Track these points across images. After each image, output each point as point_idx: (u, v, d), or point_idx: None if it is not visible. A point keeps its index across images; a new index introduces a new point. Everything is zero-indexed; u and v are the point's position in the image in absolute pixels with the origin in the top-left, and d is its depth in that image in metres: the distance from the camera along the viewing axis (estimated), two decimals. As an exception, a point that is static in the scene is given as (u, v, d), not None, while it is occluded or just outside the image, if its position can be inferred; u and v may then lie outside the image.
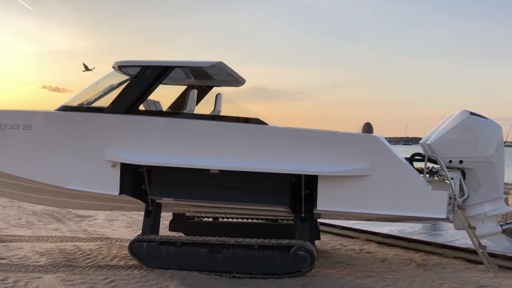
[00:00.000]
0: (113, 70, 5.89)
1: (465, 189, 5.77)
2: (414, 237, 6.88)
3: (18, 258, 5.91)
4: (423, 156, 5.73)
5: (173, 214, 7.12)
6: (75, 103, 5.75)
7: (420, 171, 5.58)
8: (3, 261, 5.75)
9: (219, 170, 5.37)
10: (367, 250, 6.76)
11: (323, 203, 5.29)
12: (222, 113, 6.43)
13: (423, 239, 6.78)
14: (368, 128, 5.48)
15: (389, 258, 6.30)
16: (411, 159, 5.82)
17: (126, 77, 5.88)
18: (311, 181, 5.34)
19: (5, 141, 5.59)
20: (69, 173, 5.52)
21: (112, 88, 5.93)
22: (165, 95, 6.71)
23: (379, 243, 7.13)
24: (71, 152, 5.50)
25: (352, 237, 7.51)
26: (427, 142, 5.95)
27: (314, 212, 5.52)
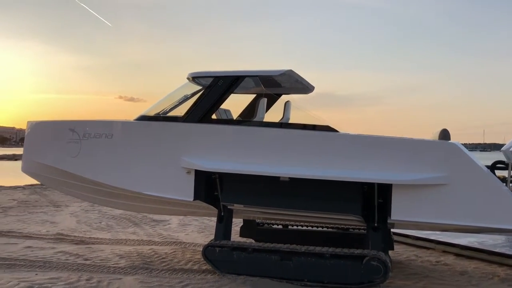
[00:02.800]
0: (187, 81, 6.11)
1: None
2: (497, 250, 6.47)
3: (100, 260, 6.28)
4: (506, 164, 5.39)
5: (244, 221, 7.23)
6: (152, 113, 6.02)
7: (503, 179, 5.26)
8: (87, 262, 6.15)
9: (289, 178, 5.39)
10: (444, 262, 6.45)
11: (398, 213, 5.12)
12: (291, 121, 6.45)
13: (508, 252, 6.36)
14: (445, 135, 5.26)
15: (469, 271, 5.97)
16: (492, 167, 5.50)
17: (199, 87, 6.07)
18: (385, 190, 5.20)
19: (89, 149, 5.97)
20: (146, 180, 5.77)
21: (186, 98, 6.15)
22: (235, 103, 6.85)
23: (457, 255, 6.78)
24: (148, 160, 5.75)
25: (428, 248, 7.21)
26: (510, 149, 5.59)
27: (388, 221, 5.37)
